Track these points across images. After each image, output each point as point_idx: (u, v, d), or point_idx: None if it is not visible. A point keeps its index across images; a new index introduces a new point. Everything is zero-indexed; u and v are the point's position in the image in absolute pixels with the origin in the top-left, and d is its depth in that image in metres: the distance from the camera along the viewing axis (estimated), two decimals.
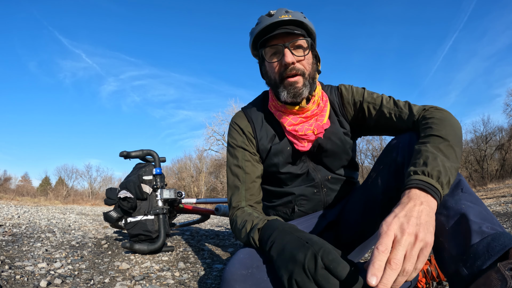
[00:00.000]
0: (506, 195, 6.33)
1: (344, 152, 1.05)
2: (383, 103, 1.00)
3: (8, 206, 5.15)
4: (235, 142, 1.06)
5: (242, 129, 1.06)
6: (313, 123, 1.01)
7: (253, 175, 1.02)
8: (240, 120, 1.09)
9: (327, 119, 1.03)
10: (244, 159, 1.04)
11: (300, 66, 0.96)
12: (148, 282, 1.16)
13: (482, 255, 0.58)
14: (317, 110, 1.02)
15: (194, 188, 28.38)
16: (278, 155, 1.03)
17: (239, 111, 1.13)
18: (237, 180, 1.02)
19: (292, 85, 0.95)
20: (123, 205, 1.56)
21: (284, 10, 0.98)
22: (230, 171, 1.05)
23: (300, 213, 1.08)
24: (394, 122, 0.98)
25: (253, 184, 1.01)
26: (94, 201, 18.92)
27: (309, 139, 1.00)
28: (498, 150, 24.04)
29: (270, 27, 0.96)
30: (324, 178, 1.05)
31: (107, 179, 35.82)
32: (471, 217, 0.63)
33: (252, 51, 1.08)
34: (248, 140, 1.06)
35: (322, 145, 1.01)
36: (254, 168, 1.03)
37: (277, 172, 1.05)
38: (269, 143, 1.04)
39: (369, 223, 0.95)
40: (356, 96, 1.04)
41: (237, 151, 1.05)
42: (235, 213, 0.95)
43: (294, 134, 1.01)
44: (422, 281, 0.95)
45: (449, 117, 0.85)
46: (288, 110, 1.01)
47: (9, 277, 1.10)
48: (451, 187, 0.70)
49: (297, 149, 1.02)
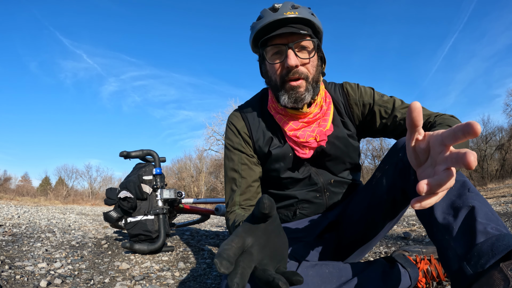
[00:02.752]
0: (506, 195, 6.33)
1: (348, 155, 1.02)
2: (395, 107, 0.96)
3: (8, 206, 5.15)
4: (231, 143, 1.03)
5: (238, 130, 1.02)
6: (315, 129, 0.96)
7: (250, 179, 0.99)
8: (235, 120, 1.04)
9: (330, 124, 0.98)
10: (241, 162, 1.00)
11: (304, 70, 0.90)
12: (148, 282, 1.16)
13: (486, 253, 0.59)
14: (320, 114, 0.97)
15: (194, 188, 28.38)
16: (279, 161, 0.99)
17: (235, 110, 1.07)
18: (233, 184, 0.99)
19: (294, 89, 0.89)
20: (123, 205, 1.56)
21: (291, 4, 0.90)
22: (227, 174, 1.02)
23: (301, 216, 1.06)
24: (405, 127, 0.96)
25: (249, 189, 0.98)
26: (94, 201, 18.93)
27: (311, 146, 0.96)
28: (498, 150, 24.04)
29: (273, 24, 0.88)
30: (326, 182, 1.02)
31: (107, 179, 35.81)
32: (478, 217, 0.64)
33: (253, 47, 1.00)
34: (245, 142, 1.02)
35: (325, 151, 0.97)
36: (251, 172, 1.00)
37: (278, 177, 1.02)
38: (267, 145, 1.00)
39: (372, 224, 0.94)
40: (365, 97, 1.00)
41: (233, 154, 1.01)
42: (228, 217, 0.95)
43: (295, 140, 0.96)
44: (422, 281, 0.95)
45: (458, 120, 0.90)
46: (289, 114, 0.96)
47: (9, 277, 1.10)
48: (458, 187, 0.71)
49: (298, 156, 0.98)
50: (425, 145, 0.53)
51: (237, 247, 0.54)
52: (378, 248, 1.70)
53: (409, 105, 0.51)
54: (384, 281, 0.85)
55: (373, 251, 1.65)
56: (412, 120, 0.51)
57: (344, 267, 0.86)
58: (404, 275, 0.89)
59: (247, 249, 0.56)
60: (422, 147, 0.54)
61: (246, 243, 0.56)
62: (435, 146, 0.51)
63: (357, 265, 0.88)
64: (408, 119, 0.51)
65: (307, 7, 0.93)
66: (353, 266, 0.87)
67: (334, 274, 0.83)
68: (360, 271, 0.86)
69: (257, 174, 1.02)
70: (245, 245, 0.56)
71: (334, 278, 0.82)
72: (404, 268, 0.90)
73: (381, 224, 0.94)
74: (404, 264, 0.91)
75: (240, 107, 1.08)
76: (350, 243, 1.01)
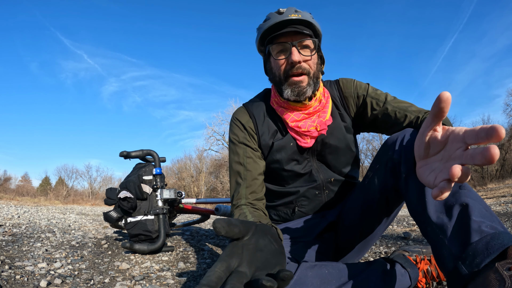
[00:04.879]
0: (506, 195, 6.33)
1: (348, 147, 1.05)
2: (387, 100, 1.01)
3: (8, 206, 5.15)
4: (236, 138, 1.06)
5: (243, 124, 1.06)
6: (315, 119, 1.01)
7: (255, 172, 1.02)
8: (241, 115, 1.08)
9: (329, 116, 1.04)
10: (246, 155, 1.03)
11: (306, 66, 0.97)
12: (148, 282, 1.16)
13: (481, 253, 0.58)
14: (319, 107, 1.03)
15: (194, 188, 28.38)
16: (281, 151, 1.03)
17: (241, 106, 1.12)
18: (238, 177, 1.02)
19: (297, 84, 0.97)
20: (123, 205, 1.56)
21: (294, 9, 0.99)
22: (232, 168, 1.04)
23: (300, 214, 1.08)
24: (395, 121, 0.99)
25: (255, 182, 1.01)
26: (94, 201, 18.94)
27: (312, 135, 1.01)
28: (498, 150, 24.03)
29: (279, 25, 0.97)
30: (326, 180, 1.05)
31: (107, 179, 35.84)
32: (472, 215, 0.63)
33: (259, 46, 1.08)
34: (250, 136, 1.05)
35: (325, 141, 1.02)
36: (256, 165, 1.03)
37: (280, 169, 1.05)
38: (271, 139, 1.04)
39: (368, 223, 0.95)
40: (359, 90, 1.05)
41: (239, 148, 1.05)
42: (233, 212, 0.96)
43: (297, 130, 1.01)
44: (422, 281, 0.95)
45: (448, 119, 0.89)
46: (291, 106, 1.02)
47: (9, 277, 1.10)
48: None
49: (300, 146, 1.02)
50: (443, 138, 0.53)
51: (220, 271, 0.54)
52: (378, 248, 1.70)
53: (439, 95, 0.49)
54: (384, 281, 0.85)
55: (373, 251, 1.65)
56: (439, 110, 0.50)
57: (344, 268, 0.86)
58: (404, 275, 0.89)
59: (235, 269, 0.56)
60: (440, 140, 0.53)
61: (232, 265, 0.56)
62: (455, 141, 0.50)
63: (357, 266, 0.88)
64: (435, 107, 0.50)
65: (308, 12, 1.02)
66: (353, 267, 0.87)
67: (334, 275, 0.83)
68: (360, 271, 0.86)
69: (262, 168, 1.05)
70: (231, 267, 0.56)
71: (333, 279, 0.82)
72: (404, 268, 0.90)
73: (377, 222, 0.95)
74: (404, 264, 0.91)
75: (245, 103, 1.13)
76: (347, 241, 1.02)
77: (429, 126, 0.54)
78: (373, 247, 1.75)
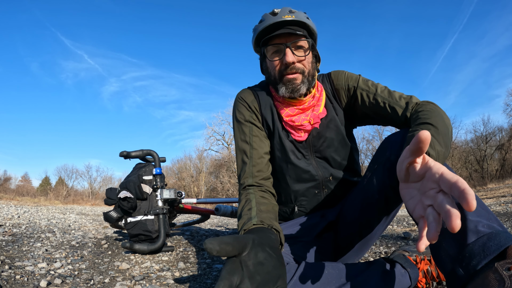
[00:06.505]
0: (506, 195, 6.33)
1: (343, 139, 1.05)
2: (377, 92, 1.00)
3: (8, 206, 5.15)
4: (242, 117, 1.07)
5: (249, 104, 1.07)
6: (309, 113, 1.03)
7: (261, 151, 1.03)
8: (246, 95, 1.09)
9: (323, 108, 1.05)
10: (252, 134, 1.04)
11: (300, 66, 0.99)
12: (148, 282, 1.16)
13: (477, 254, 0.58)
14: (314, 101, 1.04)
15: (194, 188, 28.37)
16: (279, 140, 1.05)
17: (245, 88, 1.13)
18: (244, 156, 1.02)
19: (291, 81, 0.98)
20: (123, 205, 1.56)
21: (288, 9, 0.99)
22: (238, 147, 1.05)
23: (300, 213, 1.08)
24: (387, 113, 0.97)
25: (261, 160, 1.01)
26: (94, 201, 18.94)
27: (305, 129, 1.02)
28: (498, 150, 24.04)
29: (273, 26, 0.98)
30: (325, 179, 1.05)
31: (107, 179, 35.81)
32: (468, 215, 0.62)
33: (255, 47, 1.10)
34: (255, 115, 1.07)
35: (320, 133, 1.03)
36: (261, 143, 1.04)
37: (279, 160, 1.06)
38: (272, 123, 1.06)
39: (367, 222, 0.95)
40: (350, 81, 1.05)
41: (245, 126, 1.06)
42: (241, 192, 0.96)
43: (291, 124, 1.03)
44: (422, 281, 0.95)
45: (438, 110, 0.87)
46: (286, 102, 1.04)
47: (9, 277, 1.10)
48: None
49: (294, 139, 1.03)
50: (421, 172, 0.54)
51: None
52: (378, 248, 1.70)
53: (418, 133, 0.50)
54: (384, 282, 0.85)
55: (373, 251, 1.65)
56: (417, 149, 0.51)
57: (344, 268, 0.86)
58: (404, 276, 0.89)
59: (237, 286, 0.57)
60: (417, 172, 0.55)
61: (234, 283, 0.57)
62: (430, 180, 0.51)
63: (357, 266, 0.88)
64: (413, 146, 0.52)
65: (303, 12, 1.02)
66: (353, 267, 0.87)
67: (334, 275, 0.83)
68: (360, 271, 0.86)
69: (267, 147, 1.06)
70: (233, 285, 0.56)
71: (333, 279, 0.82)
72: (404, 269, 0.90)
73: (376, 221, 0.95)
74: (404, 265, 0.91)
75: (249, 86, 1.15)
76: (347, 241, 1.02)
77: (408, 158, 0.55)
78: (373, 247, 1.75)
